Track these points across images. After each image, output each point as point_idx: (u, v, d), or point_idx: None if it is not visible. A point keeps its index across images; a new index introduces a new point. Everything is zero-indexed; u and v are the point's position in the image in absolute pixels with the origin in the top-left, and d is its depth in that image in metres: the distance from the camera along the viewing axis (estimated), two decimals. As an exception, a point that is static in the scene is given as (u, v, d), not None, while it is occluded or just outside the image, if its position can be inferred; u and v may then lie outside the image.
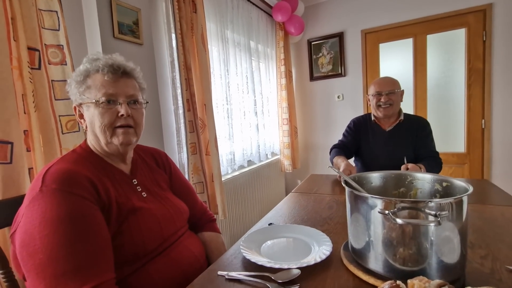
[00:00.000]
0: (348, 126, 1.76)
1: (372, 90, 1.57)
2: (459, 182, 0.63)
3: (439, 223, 0.50)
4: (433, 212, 0.52)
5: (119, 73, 0.74)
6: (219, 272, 0.67)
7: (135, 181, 0.81)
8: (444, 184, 0.67)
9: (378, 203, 0.57)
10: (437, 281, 0.41)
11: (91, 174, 0.69)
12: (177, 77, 1.72)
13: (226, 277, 0.65)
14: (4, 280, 0.75)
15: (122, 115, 0.73)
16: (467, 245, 0.57)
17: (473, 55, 2.53)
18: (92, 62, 0.74)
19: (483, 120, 2.56)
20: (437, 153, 1.53)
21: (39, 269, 0.56)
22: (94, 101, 0.71)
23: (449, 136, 2.70)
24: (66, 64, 1.11)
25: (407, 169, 1.29)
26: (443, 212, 0.51)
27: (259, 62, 2.86)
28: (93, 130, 0.74)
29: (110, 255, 0.64)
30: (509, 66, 2.41)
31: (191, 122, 1.77)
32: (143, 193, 0.80)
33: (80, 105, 0.75)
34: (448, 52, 2.66)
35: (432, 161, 1.45)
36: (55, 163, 0.68)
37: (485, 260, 0.65)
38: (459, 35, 2.58)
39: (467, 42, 2.55)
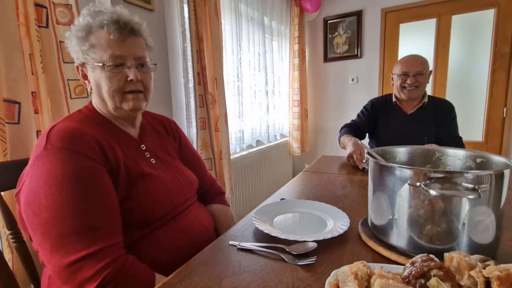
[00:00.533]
0: (365, 107, 1.67)
1: (398, 69, 1.46)
2: (498, 158, 0.58)
3: (479, 196, 0.45)
4: (470, 186, 0.47)
5: (126, 31, 0.67)
6: (231, 242, 0.64)
7: (143, 147, 0.78)
8: (479, 160, 0.62)
9: (408, 174, 0.52)
10: (478, 256, 0.37)
11: (99, 135, 0.66)
12: (188, 48, 1.65)
13: (238, 247, 0.62)
14: (13, 240, 0.74)
15: (131, 80, 0.67)
16: (502, 225, 0.53)
17: (500, 39, 2.38)
18: (94, 16, 0.66)
19: (505, 108, 2.44)
20: (461, 138, 1.44)
21: (44, 228, 0.54)
22: (100, 64, 0.65)
23: (467, 124, 2.58)
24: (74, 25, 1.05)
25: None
26: (483, 185, 0.46)
27: (272, 39, 2.75)
28: (100, 94, 0.69)
29: (118, 218, 0.61)
30: (539, 51, 2.26)
31: (201, 97, 1.72)
32: (151, 160, 0.77)
33: (83, 64, 0.69)
34: (473, 35, 2.50)
35: (456, 146, 1.37)
36: (61, 122, 0.65)
37: (517, 243, 0.61)
38: (487, 16, 2.42)
39: (495, 24, 2.39)
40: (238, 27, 2.18)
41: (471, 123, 2.58)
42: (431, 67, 2.65)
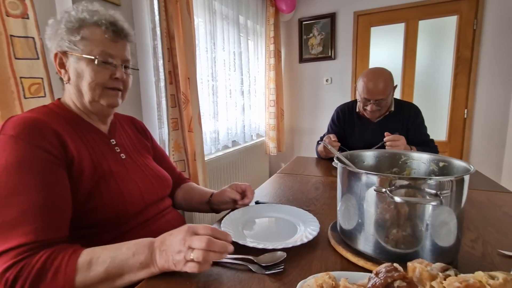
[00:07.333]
0: (332, 119, 1.66)
1: (360, 90, 1.39)
2: (459, 162, 0.59)
3: (441, 202, 0.45)
4: (433, 191, 0.48)
5: (120, 34, 0.70)
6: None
7: (113, 141, 0.76)
8: (441, 164, 0.64)
9: (374, 180, 0.52)
10: (439, 264, 0.37)
11: (62, 128, 0.64)
12: (159, 46, 1.58)
13: None
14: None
15: (116, 78, 0.70)
16: (463, 228, 0.54)
17: (462, 44, 2.53)
18: (92, 14, 0.68)
19: (466, 109, 2.60)
20: (433, 141, 1.46)
21: None
22: (90, 57, 0.66)
23: (433, 124, 2.68)
24: (28, 18, 0.96)
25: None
26: (445, 191, 0.47)
27: (247, 39, 2.72)
28: (78, 85, 0.68)
29: (65, 214, 0.57)
30: (496, 56, 2.42)
31: (173, 96, 1.66)
32: (121, 155, 0.76)
33: (64, 53, 0.67)
34: (438, 40, 2.64)
35: (427, 148, 1.37)
36: (22, 113, 0.63)
37: (476, 243, 0.63)
38: (451, 22, 2.56)
39: (458, 30, 2.53)
40: (212, 25, 2.13)
41: (436, 124, 2.72)
42: (400, 70, 2.77)
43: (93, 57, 0.66)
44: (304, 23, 3.11)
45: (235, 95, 2.51)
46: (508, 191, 0.99)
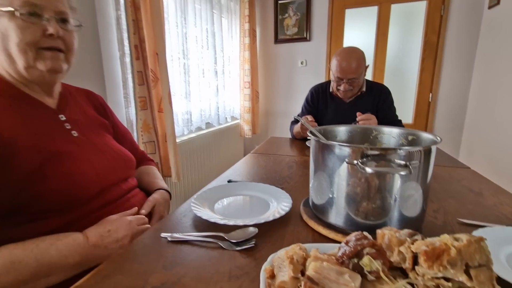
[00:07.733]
0: (306, 100, 1.67)
1: (333, 70, 1.40)
2: (426, 135, 0.61)
3: (410, 172, 0.46)
4: (403, 162, 0.48)
5: None
6: (163, 235, 0.58)
7: (62, 117, 0.67)
8: (410, 137, 0.65)
9: (346, 152, 0.51)
10: (407, 231, 0.38)
11: None
12: (123, 16, 1.46)
13: (169, 239, 0.56)
14: None
15: (50, 34, 0.58)
16: (428, 198, 0.56)
17: (430, 29, 2.61)
18: None
19: (430, 93, 2.73)
20: (400, 121, 1.51)
21: None
22: (9, 9, 0.54)
23: (400, 107, 2.81)
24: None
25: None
26: (414, 161, 0.48)
27: (221, 16, 2.60)
28: (6, 48, 0.57)
29: None
30: (460, 42, 2.54)
31: (141, 73, 1.55)
32: (73, 132, 0.67)
33: None
34: (408, 24, 2.70)
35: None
36: None
37: (438, 213, 0.67)
38: (421, 7, 2.62)
39: (426, 14, 2.60)
40: (182, -1, 2.00)
41: (404, 106, 2.83)
42: (372, 53, 2.81)
43: (12, 9, 0.54)
44: (279, 2, 3.03)
45: (208, 75, 2.42)
46: (467, 167, 1.05)
